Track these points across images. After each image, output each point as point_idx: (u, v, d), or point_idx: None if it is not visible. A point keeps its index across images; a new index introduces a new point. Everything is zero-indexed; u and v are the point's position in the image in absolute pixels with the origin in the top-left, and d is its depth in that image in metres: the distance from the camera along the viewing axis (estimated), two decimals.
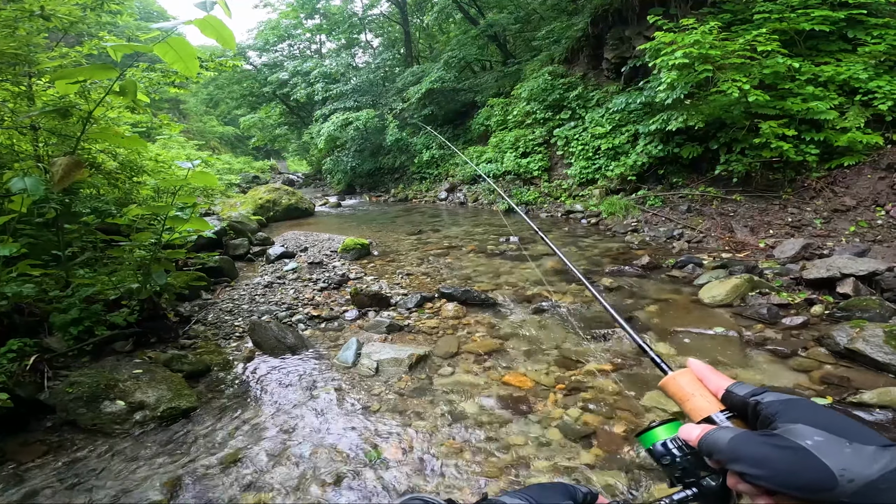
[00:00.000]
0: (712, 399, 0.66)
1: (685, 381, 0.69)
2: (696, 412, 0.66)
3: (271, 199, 12.20)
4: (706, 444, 0.59)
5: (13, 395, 2.81)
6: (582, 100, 11.09)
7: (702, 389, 0.68)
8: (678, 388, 0.70)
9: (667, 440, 0.68)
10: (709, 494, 0.64)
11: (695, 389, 0.68)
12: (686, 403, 0.68)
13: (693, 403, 0.67)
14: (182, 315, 4.69)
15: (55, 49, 4.66)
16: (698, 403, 0.66)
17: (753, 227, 6.49)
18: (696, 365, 0.71)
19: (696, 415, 0.66)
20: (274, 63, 24.64)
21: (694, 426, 0.63)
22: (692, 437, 0.62)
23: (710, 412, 0.64)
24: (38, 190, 3.02)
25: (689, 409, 0.67)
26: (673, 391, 0.71)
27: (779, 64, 6.17)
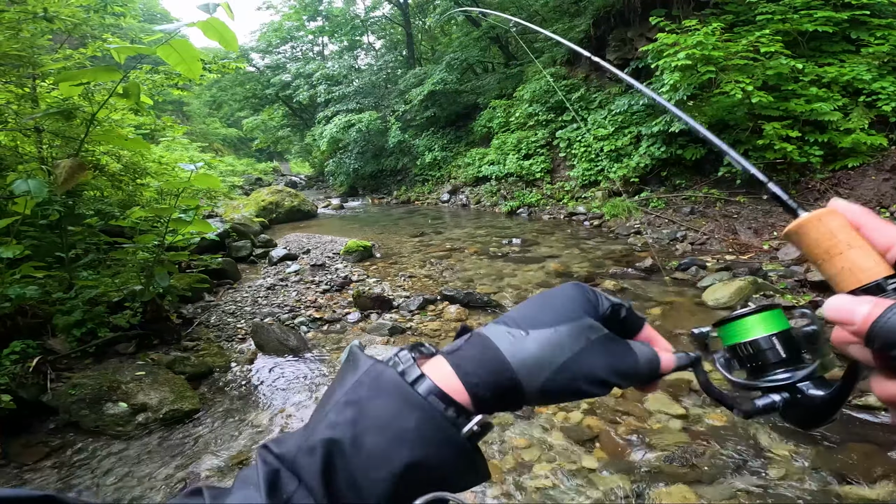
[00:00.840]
0: (878, 259, 0.43)
1: (834, 225, 0.45)
2: (850, 275, 0.43)
3: (274, 201, 12.22)
4: (890, 327, 0.37)
5: (16, 397, 2.81)
6: (584, 101, 11.08)
7: (861, 241, 0.44)
8: (823, 236, 0.45)
9: (772, 335, 0.50)
10: (806, 406, 0.48)
11: (850, 240, 0.44)
12: (832, 261, 0.44)
13: (846, 260, 0.43)
14: (185, 317, 4.70)
15: (59, 51, 4.68)
16: (856, 261, 0.43)
17: (757, 228, 6.47)
18: (848, 207, 0.45)
19: (846, 278, 0.43)
20: (277, 65, 24.71)
21: (855, 300, 0.40)
22: (854, 315, 0.39)
23: (876, 276, 0.42)
24: (42, 192, 3.02)
25: (837, 270, 0.44)
26: (812, 240, 0.46)
27: (782, 65, 6.15)
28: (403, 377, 0.45)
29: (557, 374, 0.45)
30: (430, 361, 0.48)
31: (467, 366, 0.46)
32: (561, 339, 0.46)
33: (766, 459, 2.44)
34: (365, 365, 0.46)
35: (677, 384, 3.20)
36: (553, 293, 0.52)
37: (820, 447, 2.48)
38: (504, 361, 0.45)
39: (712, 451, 2.53)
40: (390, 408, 0.43)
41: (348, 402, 0.44)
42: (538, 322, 0.48)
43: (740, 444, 2.56)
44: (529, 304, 0.51)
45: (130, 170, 5.71)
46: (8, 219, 3.19)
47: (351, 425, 0.42)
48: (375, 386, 0.44)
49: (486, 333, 0.48)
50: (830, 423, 0.49)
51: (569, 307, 0.49)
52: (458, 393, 0.44)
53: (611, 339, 0.49)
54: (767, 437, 2.60)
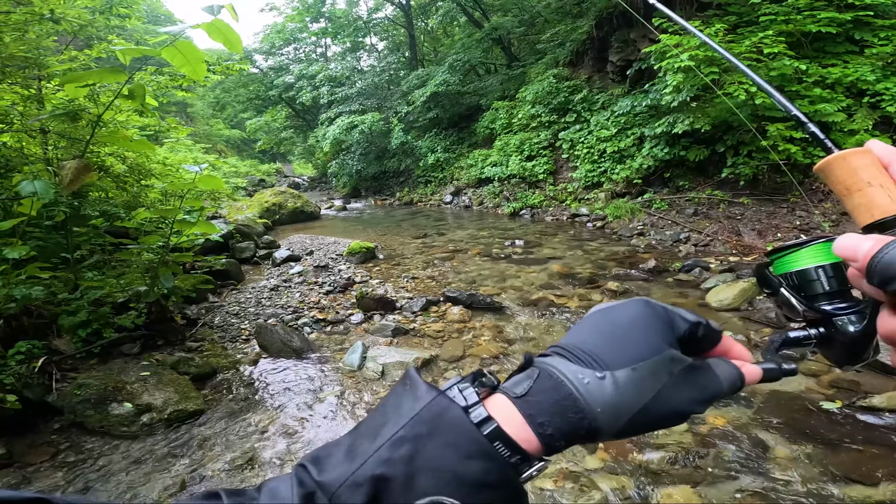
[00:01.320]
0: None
1: (862, 163, 0.46)
2: (864, 210, 0.44)
3: (277, 203, 12.25)
4: (885, 263, 0.38)
5: (21, 397, 2.82)
6: (587, 103, 11.07)
7: (885, 179, 0.45)
8: (845, 174, 0.46)
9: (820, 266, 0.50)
10: (839, 340, 0.48)
11: (874, 177, 0.45)
12: (852, 196, 0.46)
13: (864, 196, 0.45)
14: (189, 318, 4.71)
15: (64, 52, 4.71)
16: (874, 197, 0.44)
17: (761, 230, 6.46)
18: (882, 148, 0.46)
19: (861, 214, 0.45)
20: (280, 66, 24.79)
21: (860, 237, 0.41)
22: (857, 251, 0.40)
23: (889, 213, 0.43)
24: (48, 193, 3.04)
25: (853, 206, 0.46)
26: (836, 177, 0.47)
27: (785, 66, 6.15)
28: (468, 415, 0.42)
29: (639, 415, 0.42)
30: (494, 399, 0.44)
31: (541, 415, 0.42)
32: (642, 380, 0.43)
33: (770, 460, 2.44)
34: (426, 396, 0.43)
35: None
36: (622, 317, 0.47)
37: (824, 448, 2.48)
38: (581, 410, 0.42)
39: (716, 453, 2.53)
40: (452, 452, 0.40)
41: (405, 439, 0.40)
42: (614, 360, 0.43)
43: (744, 446, 2.56)
44: (597, 331, 0.46)
45: (135, 171, 5.74)
46: (14, 220, 3.21)
47: (405, 464, 0.39)
48: (437, 424, 0.41)
49: (556, 373, 0.44)
50: (864, 363, 0.49)
51: (646, 337, 0.45)
52: (527, 441, 0.42)
53: (693, 369, 0.46)
54: (772, 438, 2.59)
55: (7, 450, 2.69)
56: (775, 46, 6.18)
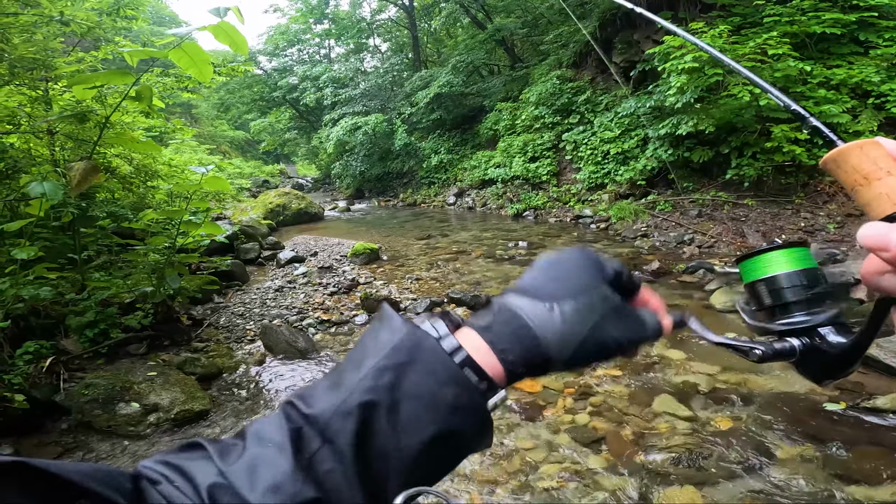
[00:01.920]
0: None
1: (879, 153, 0.44)
2: (886, 200, 0.42)
3: (281, 204, 12.28)
4: None
5: (29, 397, 2.85)
6: (590, 104, 11.06)
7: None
8: (861, 164, 0.44)
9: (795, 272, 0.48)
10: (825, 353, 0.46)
11: (891, 168, 0.43)
12: (870, 186, 0.43)
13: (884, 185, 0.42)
14: (195, 318, 4.74)
15: (72, 54, 4.74)
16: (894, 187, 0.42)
17: (765, 231, 6.45)
18: (891, 143, 0.44)
19: (883, 203, 0.42)
20: (284, 68, 24.86)
21: (889, 226, 0.39)
22: (890, 241, 0.37)
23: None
24: (57, 194, 3.07)
25: (874, 195, 0.43)
26: (851, 166, 0.45)
27: (790, 67, 6.14)
28: (441, 345, 0.45)
29: (582, 346, 0.47)
30: (462, 332, 0.48)
31: (502, 342, 0.46)
32: (582, 311, 0.48)
33: (774, 461, 2.44)
34: (402, 328, 0.46)
35: (685, 387, 3.20)
36: (563, 260, 0.53)
37: (828, 449, 2.48)
38: (535, 338, 0.46)
39: (720, 454, 2.53)
40: (429, 377, 0.43)
41: (387, 368, 0.43)
42: (559, 294, 0.48)
43: (748, 447, 2.56)
44: (542, 272, 0.52)
45: (141, 172, 5.78)
46: (22, 221, 3.24)
47: (389, 391, 0.42)
48: (415, 353, 0.44)
49: (512, 307, 0.49)
50: (847, 376, 0.47)
51: (583, 276, 0.50)
52: (492, 367, 0.46)
53: (622, 306, 0.50)
54: (776, 439, 2.60)
55: (14, 449, 2.72)
56: (780, 48, 6.17)
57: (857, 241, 0.41)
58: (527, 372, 0.47)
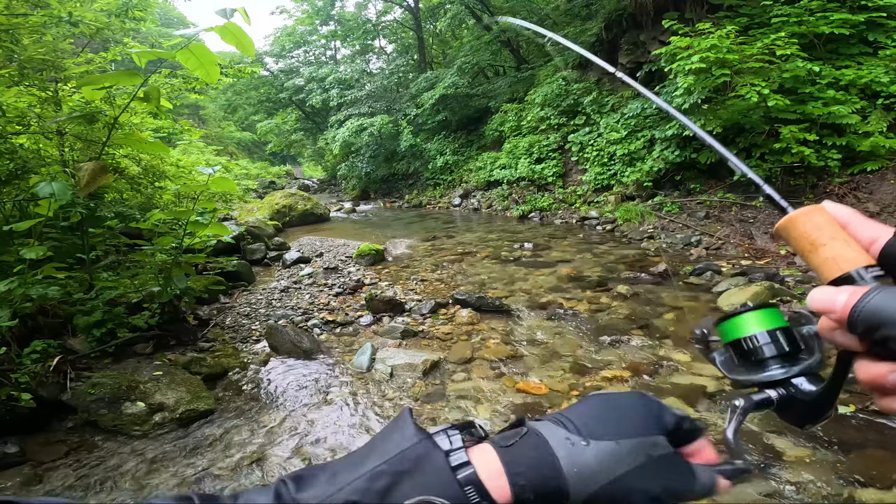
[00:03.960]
0: (860, 250, 0.46)
1: (820, 220, 0.49)
2: (832, 264, 0.46)
3: (287, 205, 12.32)
4: (868, 312, 0.39)
5: (36, 396, 2.86)
6: (596, 105, 11.03)
7: (846, 235, 0.48)
8: (808, 231, 0.49)
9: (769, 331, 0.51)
10: (800, 401, 0.49)
11: (837, 233, 0.48)
12: (817, 252, 0.48)
13: (829, 251, 0.47)
14: (201, 318, 4.76)
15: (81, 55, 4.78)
16: (838, 251, 0.46)
17: (774, 233, 6.40)
18: (836, 207, 0.49)
19: (829, 268, 0.46)
20: (290, 69, 24.96)
21: (834, 290, 0.43)
22: (835, 304, 0.42)
23: (855, 266, 0.45)
24: (66, 195, 3.09)
25: (821, 261, 0.47)
26: (799, 235, 0.50)
27: (798, 68, 6.10)
28: (448, 460, 0.44)
29: (609, 486, 0.44)
30: (479, 448, 0.47)
31: (518, 466, 0.44)
32: (622, 454, 0.45)
33: (781, 463, 2.41)
34: (413, 437, 0.46)
35: (691, 389, 3.18)
36: (618, 400, 0.51)
37: (836, 452, 2.45)
38: (558, 469, 0.44)
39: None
40: (423, 489, 0.42)
41: (384, 473, 0.43)
42: (601, 432, 0.46)
43: (756, 448, 2.54)
44: (592, 407, 0.50)
45: (149, 173, 5.82)
46: (31, 220, 3.26)
47: (379, 496, 0.42)
48: (418, 463, 0.44)
49: (543, 434, 0.47)
50: (826, 420, 0.49)
51: (635, 420, 0.48)
52: (499, 490, 0.44)
53: (673, 457, 0.48)
54: (783, 441, 2.57)
55: (20, 448, 2.73)
56: (788, 48, 6.12)
57: (807, 304, 0.46)
58: (535, 501, 0.44)
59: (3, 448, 2.70)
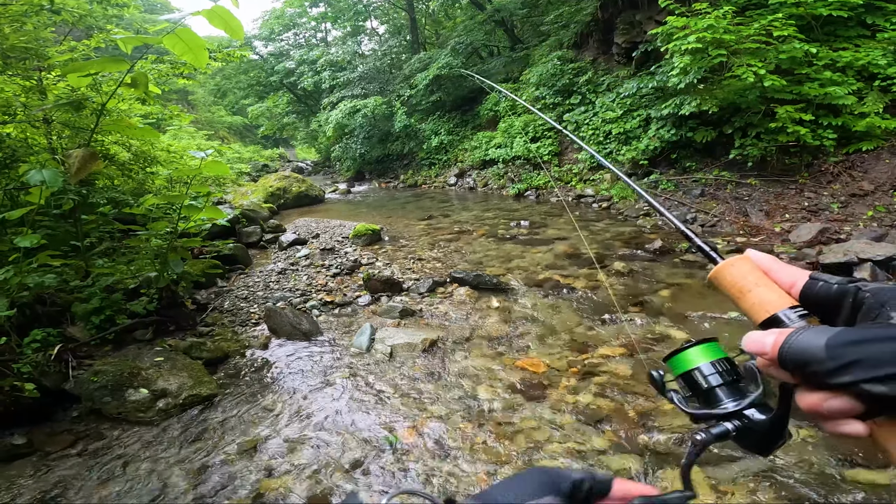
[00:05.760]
0: (782, 293, 0.52)
1: (745, 269, 0.55)
2: (759, 308, 0.52)
3: (282, 187, 12.26)
4: (794, 351, 0.44)
5: (39, 386, 2.87)
6: (592, 84, 10.95)
7: (768, 281, 0.54)
8: (735, 279, 0.55)
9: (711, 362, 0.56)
10: (754, 430, 0.52)
11: (760, 279, 0.54)
12: (745, 298, 0.54)
13: (755, 297, 0.53)
14: (199, 303, 4.76)
15: (64, 43, 4.69)
16: (763, 296, 0.52)
17: (769, 211, 6.42)
18: (758, 255, 0.56)
19: (757, 312, 0.52)
20: (280, 52, 24.57)
21: (763, 333, 0.48)
22: (765, 346, 0.47)
23: (779, 308, 0.51)
24: (56, 182, 3.06)
25: (749, 306, 0.53)
26: (728, 283, 0.56)
27: (795, 49, 6.05)
28: None
29: None
30: None
31: None
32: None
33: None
34: None
35: None
36: (518, 476, 0.58)
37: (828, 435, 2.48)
38: None
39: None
40: None
41: None
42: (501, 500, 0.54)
43: None
44: (497, 485, 0.58)
45: (140, 158, 5.76)
46: (23, 209, 3.23)
47: None
48: None
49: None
50: (782, 445, 0.53)
51: (529, 488, 0.54)
52: None
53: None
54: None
55: (28, 439, 2.74)
56: (785, 29, 6.07)
57: (742, 347, 0.50)
58: None
59: (10, 440, 2.71)
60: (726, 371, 0.55)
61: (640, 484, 0.58)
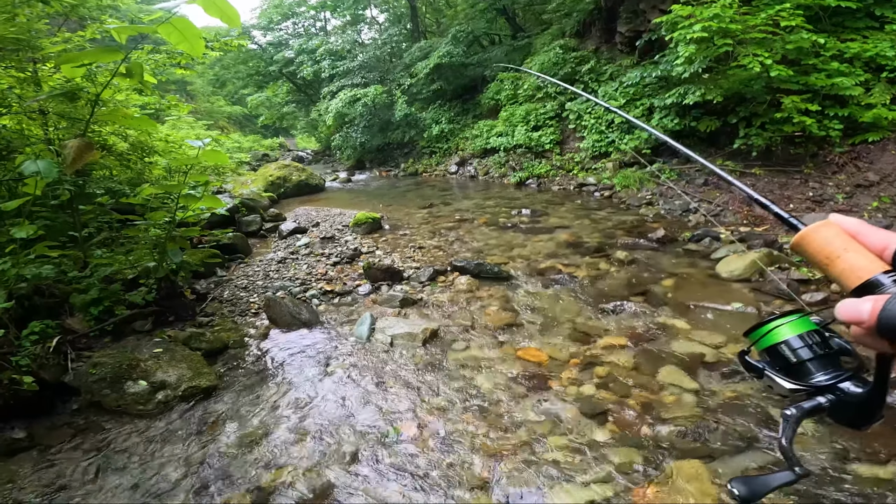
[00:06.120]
0: (873, 257, 0.49)
1: (831, 234, 0.52)
2: (850, 274, 0.49)
3: (281, 176, 12.20)
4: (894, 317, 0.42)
5: (38, 378, 2.83)
6: (595, 74, 10.83)
7: (857, 245, 0.50)
8: (821, 245, 0.51)
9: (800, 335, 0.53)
10: (850, 404, 0.50)
11: (847, 244, 0.50)
12: (834, 264, 0.51)
13: (845, 262, 0.49)
14: (198, 292, 4.74)
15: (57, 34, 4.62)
16: (854, 261, 0.49)
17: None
18: (844, 219, 0.52)
19: (849, 278, 0.49)
20: (279, 42, 24.34)
21: (858, 300, 0.46)
22: (861, 313, 0.45)
23: (872, 273, 0.48)
24: (52, 172, 3.02)
25: (839, 272, 0.50)
26: (814, 250, 0.52)
27: (803, 39, 5.96)
28: None
29: None
30: None
31: None
32: None
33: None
34: None
35: (690, 358, 3.20)
36: None
37: (834, 426, 2.45)
38: None
39: (725, 427, 2.53)
40: None
41: None
42: None
43: (754, 420, 2.56)
44: None
45: (138, 148, 5.72)
46: (19, 200, 3.20)
47: None
48: None
49: None
50: (881, 420, 0.50)
51: None
52: None
53: None
54: (777, 413, 2.59)
55: (28, 433, 2.72)
56: (793, 20, 5.97)
57: (835, 316, 0.48)
58: None
59: (10, 434, 2.69)
60: (817, 344, 0.53)
61: None
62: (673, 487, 2.13)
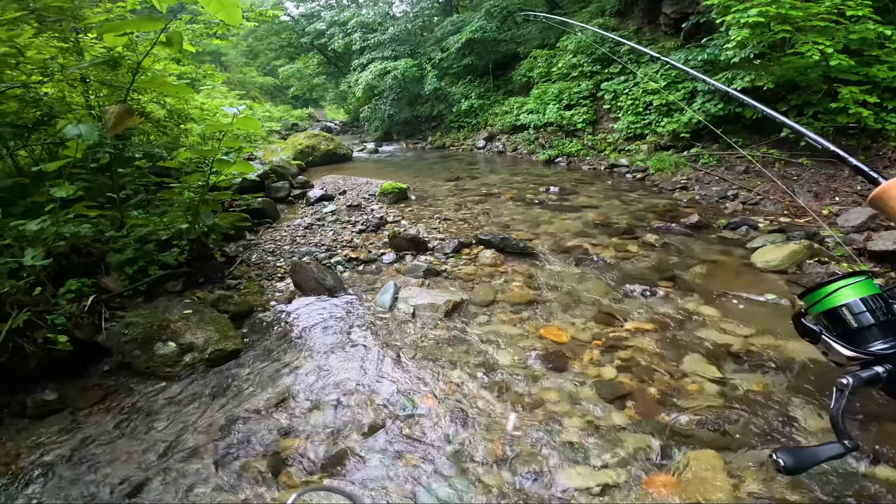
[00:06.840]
0: None
1: None
2: None
3: (310, 145, 12.32)
4: None
5: (72, 338, 2.87)
6: (634, 54, 10.47)
7: None
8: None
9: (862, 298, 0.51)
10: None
11: None
12: None
13: None
14: (228, 255, 4.84)
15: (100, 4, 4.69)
16: None
17: (818, 192, 6.10)
18: None
19: None
20: (311, 14, 24.22)
21: None
22: None
23: None
24: (93, 135, 3.09)
25: None
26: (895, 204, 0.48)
27: (868, 30, 5.62)
28: None
29: None
30: None
31: None
32: None
33: (799, 433, 2.36)
34: None
35: (717, 347, 3.13)
36: None
37: (855, 425, 2.36)
38: None
39: (745, 419, 2.47)
40: None
41: None
42: None
43: (776, 415, 2.49)
44: None
45: (174, 115, 5.82)
46: (60, 161, 3.29)
47: None
48: None
49: None
50: None
51: None
52: None
53: None
54: (804, 409, 2.51)
55: (59, 394, 2.75)
56: (860, 10, 5.62)
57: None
58: None
59: (41, 395, 2.71)
60: (880, 309, 0.50)
61: None
62: (687, 477, 2.11)
